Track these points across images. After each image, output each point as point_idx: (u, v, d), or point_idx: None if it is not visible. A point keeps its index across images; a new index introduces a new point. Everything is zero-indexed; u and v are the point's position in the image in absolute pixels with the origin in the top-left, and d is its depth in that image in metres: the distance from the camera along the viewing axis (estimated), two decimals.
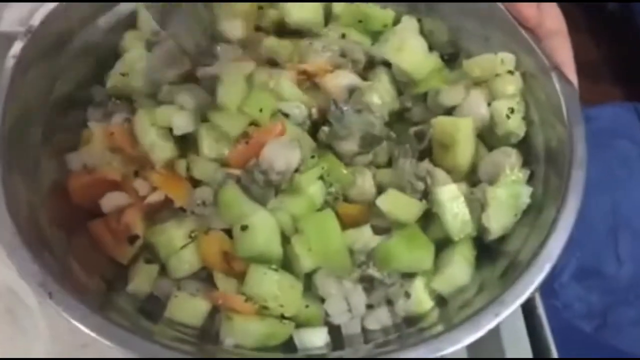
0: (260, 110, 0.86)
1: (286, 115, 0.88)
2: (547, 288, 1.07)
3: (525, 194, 0.83)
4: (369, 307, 0.85)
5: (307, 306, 0.82)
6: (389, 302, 0.85)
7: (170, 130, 0.87)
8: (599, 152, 1.23)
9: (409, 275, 0.84)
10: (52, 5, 0.88)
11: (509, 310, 0.73)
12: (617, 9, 1.50)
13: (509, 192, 0.83)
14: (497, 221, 0.82)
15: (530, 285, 0.74)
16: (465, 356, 0.93)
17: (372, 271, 0.82)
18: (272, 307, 0.79)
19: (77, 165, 0.87)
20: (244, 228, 0.79)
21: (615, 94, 1.45)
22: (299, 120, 0.88)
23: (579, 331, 1.14)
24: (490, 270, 0.82)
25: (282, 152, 0.81)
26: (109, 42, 0.97)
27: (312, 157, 0.86)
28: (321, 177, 0.85)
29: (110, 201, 0.85)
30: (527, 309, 0.95)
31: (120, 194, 0.85)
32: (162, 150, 0.86)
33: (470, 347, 0.72)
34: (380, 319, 0.84)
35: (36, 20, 0.87)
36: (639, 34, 1.45)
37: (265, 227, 0.80)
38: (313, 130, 0.91)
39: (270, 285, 0.78)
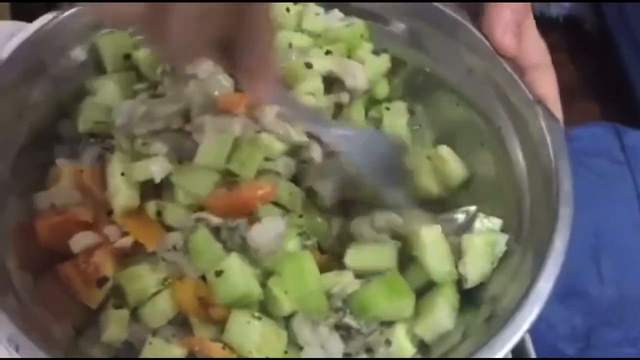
0: (243, 164, 0.83)
1: (278, 174, 0.86)
2: None
3: (501, 241, 0.82)
4: (347, 355, 0.81)
5: (285, 352, 0.79)
6: (369, 350, 0.81)
7: None
8: (580, 171, 1.23)
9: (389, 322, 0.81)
10: (24, 35, 0.85)
11: (499, 355, 0.70)
12: (595, 28, 1.50)
13: (485, 240, 0.81)
14: (474, 269, 0.80)
15: (519, 328, 0.71)
16: None
17: (349, 320, 0.79)
18: (256, 357, 0.75)
19: (45, 205, 0.83)
20: (219, 274, 0.76)
21: (593, 113, 1.46)
22: (288, 176, 0.86)
23: (562, 355, 1.12)
24: (474, 315, 0.80)
25: (272, 234, 0.78)
26: (80, 76, 0.93)
27: (300, 216, 0.83)
28: (299, 234, 0.83)
29: (80, 241, 0.81)
30: None
31: (90, 234, 0.82)
32: (123, 196, 0.83)
33: None
34: None
35: (5, 52, 0.84)
36: (616, 53, 1.46)
37: (241, 269, 0.77)
38: None
39: (254, 335, 0.75)
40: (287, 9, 0.99)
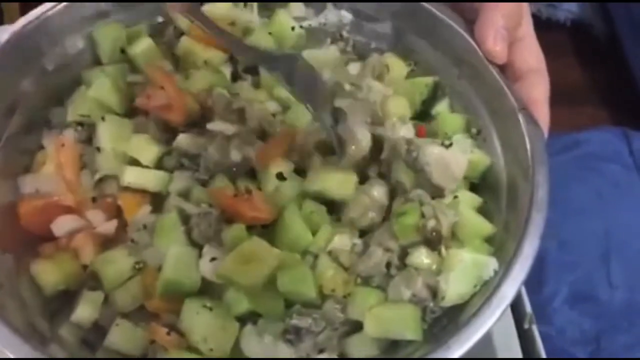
0: None
1: None
2: (540, 314, 1.04)
3: (490, 265, 0.79)
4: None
5: None
6: (321, 351, 0.81)
7: None
8: (590, 176, 1.27)
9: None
10: (19, 24, 0.88)
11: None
12: (603, 32, 1.50)
13: (474, 260, 0.80)
14: (455, 288, 0.79)
15: (476, 332, 0.72)
16: None
17: (297, 321, 0.79)
18: (202, 349, 0.77)
19: (30, 189, 0.86)
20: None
21: (602, 117, 1.46)
22: None
23: (572, 358, 1.13)
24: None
25: None
26: (75, 65, 0.96)
27: None
28: None
29: (63, 225, 0.84)
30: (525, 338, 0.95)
31: (73, 218, 0.85)
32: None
33: None
34: None
35: (1, 38, 0.87)
36: (624, 58, 1.45)
37: (175, 260, 0.80)
38: None
39: (202, 325, 0.77)
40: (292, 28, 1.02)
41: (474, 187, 0.92)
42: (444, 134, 0.92)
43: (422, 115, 0.99)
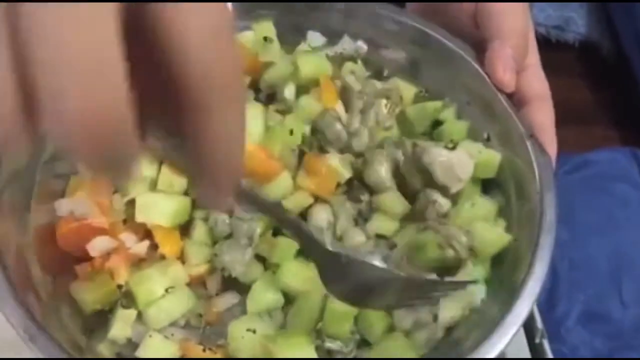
0: None
1: None
2: (553, 333, 1.06)
3: (479, 293, 0.84)
4: None
5: None
6: None
7: None
8: (599, 195, 1.27)
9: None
10: None
11: None
12: (611, 53, 1.51)
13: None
14: (448, 313, 0.83)
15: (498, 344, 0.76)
16: None
17: (329, 343, 0.83)
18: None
19: (65, 212, 0.90)
20: None
21: (611, 137, 1.46)
22: None
23: None
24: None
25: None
26: None
27: None
28: None
29: (98, 245, 0.88)
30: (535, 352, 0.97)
31: (108, 239, 0.89)
32: None
33: None
34: None
35: None
36: (633, 78, 1.46)
37: None
38: None
39: (247, 350, 0.81)
40: None
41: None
42: (449, 140, 0.96)
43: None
